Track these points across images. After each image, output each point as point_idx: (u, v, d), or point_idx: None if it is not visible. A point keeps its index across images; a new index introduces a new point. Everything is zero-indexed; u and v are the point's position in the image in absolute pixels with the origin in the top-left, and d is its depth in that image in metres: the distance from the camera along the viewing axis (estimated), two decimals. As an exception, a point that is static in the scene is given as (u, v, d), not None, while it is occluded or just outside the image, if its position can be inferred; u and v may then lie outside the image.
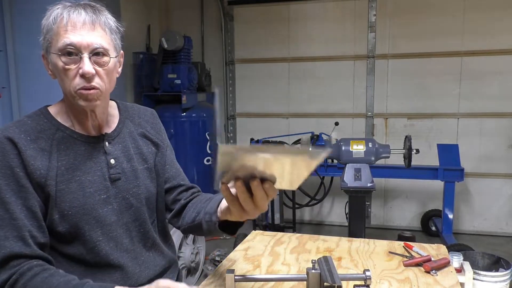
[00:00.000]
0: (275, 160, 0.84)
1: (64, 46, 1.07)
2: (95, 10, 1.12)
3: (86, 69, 1.07)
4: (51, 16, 1.09)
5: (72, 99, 1.12)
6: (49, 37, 1.09)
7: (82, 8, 1.09)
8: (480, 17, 4.20)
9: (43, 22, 1.11)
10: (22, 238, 1.04)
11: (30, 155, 1.09)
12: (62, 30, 1.07)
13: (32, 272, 1.02)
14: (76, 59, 1.08)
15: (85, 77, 1.08)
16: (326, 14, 4.58)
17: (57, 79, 1.13)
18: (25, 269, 1.02)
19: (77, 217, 1.12)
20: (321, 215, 4.88)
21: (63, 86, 1.12)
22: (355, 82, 4.59)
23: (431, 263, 1.40)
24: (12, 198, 1.06)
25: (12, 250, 1.02)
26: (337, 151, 3.15)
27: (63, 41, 1.07)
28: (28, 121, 1.14)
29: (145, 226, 1.25)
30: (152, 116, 1.39)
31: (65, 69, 1.08)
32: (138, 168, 1.25)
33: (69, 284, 1.01)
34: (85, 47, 1.08)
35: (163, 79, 4.25)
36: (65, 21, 1.07)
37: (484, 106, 4.30)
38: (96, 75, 1.10)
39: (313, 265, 1.13)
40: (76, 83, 1.09)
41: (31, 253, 1.05)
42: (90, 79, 1.09)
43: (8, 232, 1.04)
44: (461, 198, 4.38)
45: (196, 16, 4.96)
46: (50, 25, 1.09)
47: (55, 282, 1.00)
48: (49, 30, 1.09)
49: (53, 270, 1.05)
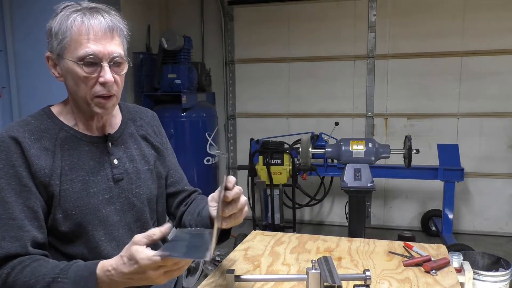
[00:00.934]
0: None
1: (85, 55, 1.07)
2: (110, 15, 1.12)
3: (108, 78, 1.09)
4: (68, 20, 1.08)
5: (87, 105, 1.13)
6: (65, 43, 1.08)
7: (100, 14, 1.09)
8: (480, 17, 4.20)
9: (52, 24, 1.10)
10: (20, 238, 1.04)
11: (34, 154, 1.09)
12: (84, 38, 1.07)
13: (22, 264, 1.02)
14: (96, 67, 1.09)
15: (104, 85, 1.10)
16: (326, 14, 4.58)
17: (69, 83, 1.13)
18: (16, 263, 1.02)
19: (81, 216, 1.13)
20: (321, 215, 4.88)
21: (78, 92, 1.11)
22: (355, 82, 4.59)
23: (431, 263, 1.40)
24: (13, 197, 1.06)
25: (8, 251, 1.03)
26: (337, 151, 3.15)
27: (85, 50, 1.07)
28: (32, 120, 1.15)
29: (146, 226, 1.26)
30: (153, 118, 1.40)
31: (85, 77, 1.09)
32: (140, 169, 1.26)
33: (57, 268, 1.01)
34: (106, 56, 1.09)
35: (163, 79, 4.25)
36: (86, 29, 1.07)
37: (484, 106, 4.30)
38: (114, 83, 1.12)
39: (313, 265, 1.13)
40: (96, 91, 1.10)
41: (27, 254, 1.05)
42: (110, 87, 1.11)
43: (5, 232, 1.04)
44: (461, 198, 4.38)
45: (196, 16, 4.96)
46: (67, 30, 1.07)
47: (43, 270, 1.01)
48: (65, 35, 1.08)
49: (43, 260, 1.05)
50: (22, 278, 1.00)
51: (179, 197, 1.40)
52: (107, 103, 1.13)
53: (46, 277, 0.99)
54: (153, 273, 0.94)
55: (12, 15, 3.07)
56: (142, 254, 0.93)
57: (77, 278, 0.98)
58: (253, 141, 4.24)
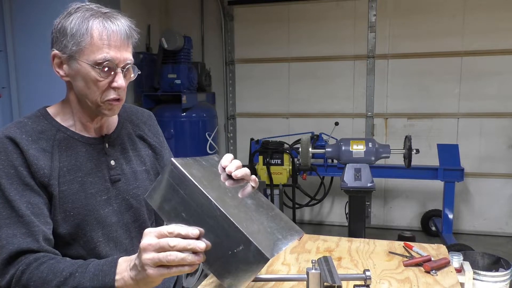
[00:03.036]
0: None
1: (103, 60, 1.08)
2: (127, 21, 1.13)
3: (121, 83, 1.12)
4: (88, 23, 1.07)
5: (96, 107, 1.13)
6: (83, 45, 1.08)
7: (118, 21, 1.11)
8: (480, 17, 4.20)
9: (66, 24, 1.09)
10: (31, 234, 1.04)
11: (33, 154, 1.09)
12: (104, 44, 1.08)
13: (38, 261, 1.02)
14: (110, 72, 1.11)
15: (116, 89, 1.12)
16: (326, 14, 4.58)
17: (78, 84, 1.12)
18: (32, 260, 1.02)
19: (79, 218, 1.13)
20: (321, 215, 4.88)
21: (89, 94, 1.12)
22: (355, 82, 4.59)
23: (431, 263, 1.40)
24: (17, 196, 1.05)
25: (20, 246, 1.02)
26: (337, 151, 3.15)
27: (103, 55, 1.08)
28: (29, 122, 1.14)
29: (145, 226, 1.25)
30: (149, 118, 1.40)
31: (99, 80, 1.10)
32: (137, 170, 1.26)
33: (75, 265, 1.01)
34: (121, 63, 1.12)
35: (163, 79, 4.25)
36: (107, 34, 1.08)
37: (484, 106, 4.30)
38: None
39: (313, 265, 1.13)
40: (107, 95, 1.12)
41: (39, 248, 1.04)
42: (120, 92, 1.14)
43: (16, 229, 1.04)
44: (461, 198, 4.39)
45: (196, 16, 4.96)
46: (86, 32, 1.07)
47: (61, 266, 1.00)
48: (83, 38, 1.07)
49: (60, 257, 1.05)
50: (39, 274, 1.00)
51: None
52: (116, 106, 1.15)
53: (64, 272, 0.99)
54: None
55: (12, 15, 3.07)
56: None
57: (96, 272, 0.98)
58: (253, 141, 4.24)
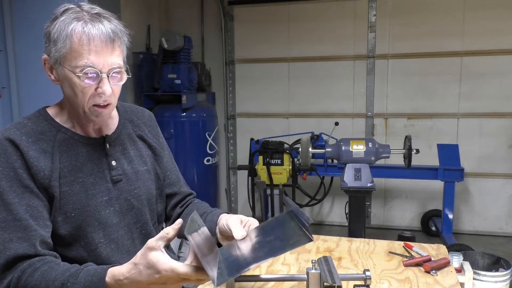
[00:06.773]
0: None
1: (85, 67, 1.05)
2: (112, 22, 1.09)
3: (106, 90, 1.08)
4: (68, 28, 1.04)
5: (83, 113, 1.11)
6: (64, 51, 1.05)
7: (101, 23, 1.06)
8: (480, 17, 4.20)
9: (51, 28, 1.06)
10: (27, 239, 1.03)
11: (33, 156, 1.08)
12: (84, 49, 1.04)
13: (32, 268, 1.00)
14: (94, 78, 1.07)
15: (101, 95, 1.09)
16: (326, 14, 4.58)
17: (65, 89, 1.11)
18: (26, 266, 1.01)
19: (80, 219, 1.12)
20: (321, 215, 4.88)
21: (75, 100, 1.10)
22: (355, 82, 4.59)
23: (431, 263, 1.40)
24: (16, 199, 1.04)
25: (16, 252, 1.01)
26: (337, 151, 3.15)
27: (84, 62, 1.04)
28: (28, 123, 1.13)
29: (146, 227, 1.25)
30: (150, 118, 1.39)
31: (83, 86, 1.07)
32: (138, 170, 1.26)
33: (67, 272, 0.99)
34: (105, 68, 1.07)
35: (163, 79, 4.25)
36: (86, 39, 1.04)
37: (484, 106, 4.30)
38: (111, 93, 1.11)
39: (313, 265, 1.13)
40: (93, 100, 1.09)
41: (36, 253, 1.03)
42: (107, 97, 1.10)
43: (12, 234, 1.02)
44: (461, 198, 4.38)
45: (196, 16, 4.96)
46: (66, 38, 1.04)
47: (53, 274, 0.99)
48: (64, 44, 1.04)
49: (53, 263, 1.03)
50: (33, 281, 0.99)
51: (175, 199, 1.39)
52: (103, 111, 1.12)
53: (56, 282, 0.97)
54: (173, 283, 0.92)
55: (12, 15, 3.07)
56: (165, 265, 0.90)
57: (87, 284, 0.96)
58: (253, 141, 4.24)
